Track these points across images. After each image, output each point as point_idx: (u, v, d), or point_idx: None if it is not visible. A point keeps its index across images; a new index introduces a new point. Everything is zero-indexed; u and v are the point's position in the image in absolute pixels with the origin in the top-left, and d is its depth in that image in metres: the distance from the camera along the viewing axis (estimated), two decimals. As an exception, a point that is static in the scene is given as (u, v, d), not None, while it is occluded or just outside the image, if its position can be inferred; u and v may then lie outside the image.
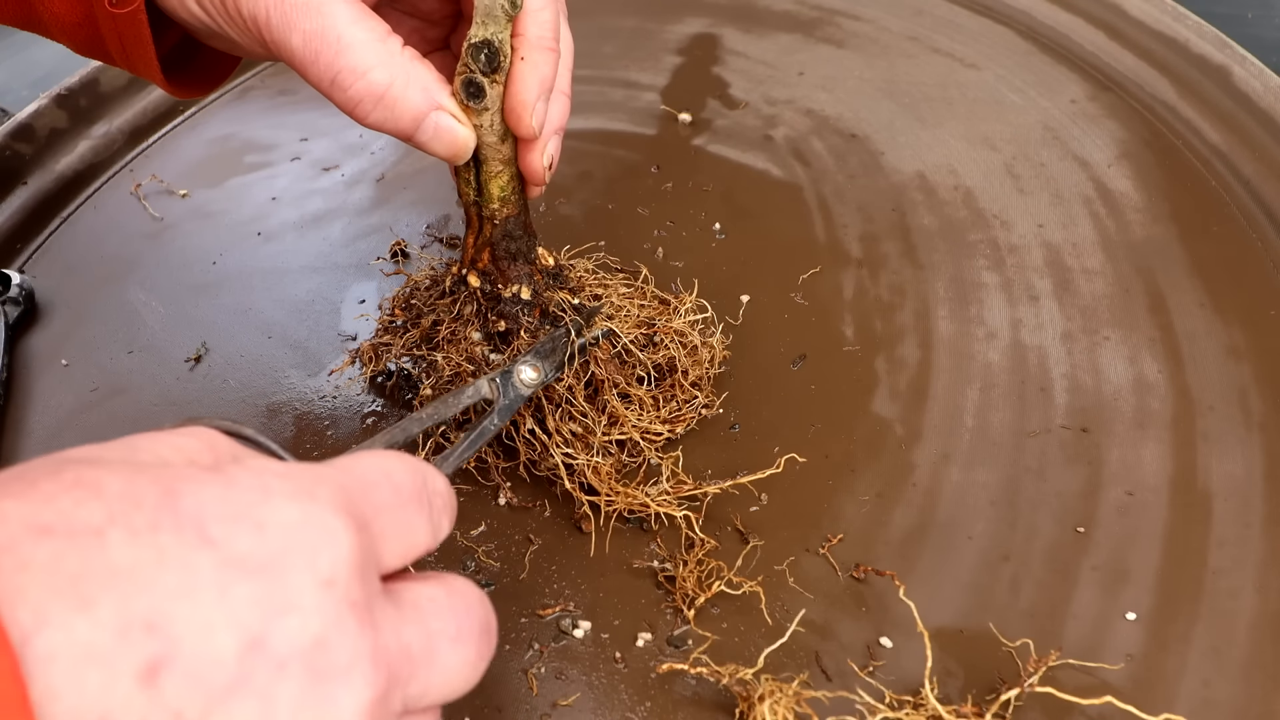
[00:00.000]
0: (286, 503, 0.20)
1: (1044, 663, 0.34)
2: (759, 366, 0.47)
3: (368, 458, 0.23)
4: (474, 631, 0.24)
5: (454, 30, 0.42)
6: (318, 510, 0.20)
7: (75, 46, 0.39)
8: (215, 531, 0.19)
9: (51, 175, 0.61)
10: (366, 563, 0.21)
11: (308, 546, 0.19)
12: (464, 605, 0.24)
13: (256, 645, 0.18)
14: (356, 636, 0.20)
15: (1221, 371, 0.45)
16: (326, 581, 0.19)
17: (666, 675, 0.36)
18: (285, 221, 0.58)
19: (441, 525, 0.25)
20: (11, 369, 0.50)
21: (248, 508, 0.19)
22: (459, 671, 0.23)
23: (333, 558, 0.20)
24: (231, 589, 0.18)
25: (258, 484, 0.20)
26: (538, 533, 0.41)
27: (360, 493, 0.22)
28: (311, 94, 0.69)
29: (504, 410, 0.34)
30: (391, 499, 0.23)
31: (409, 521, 0.23)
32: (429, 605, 0.23)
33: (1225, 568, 0.38)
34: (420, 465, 0.25)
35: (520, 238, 0.40)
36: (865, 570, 0.38)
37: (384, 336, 0.44)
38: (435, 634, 0.22)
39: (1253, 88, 0.58)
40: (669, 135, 0.62)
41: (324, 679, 0.19)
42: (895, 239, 0.54)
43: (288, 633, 0.19)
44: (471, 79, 0.35)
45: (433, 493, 0.24)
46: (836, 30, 0.71)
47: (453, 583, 0.24)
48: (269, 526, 0.19)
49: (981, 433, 0.44)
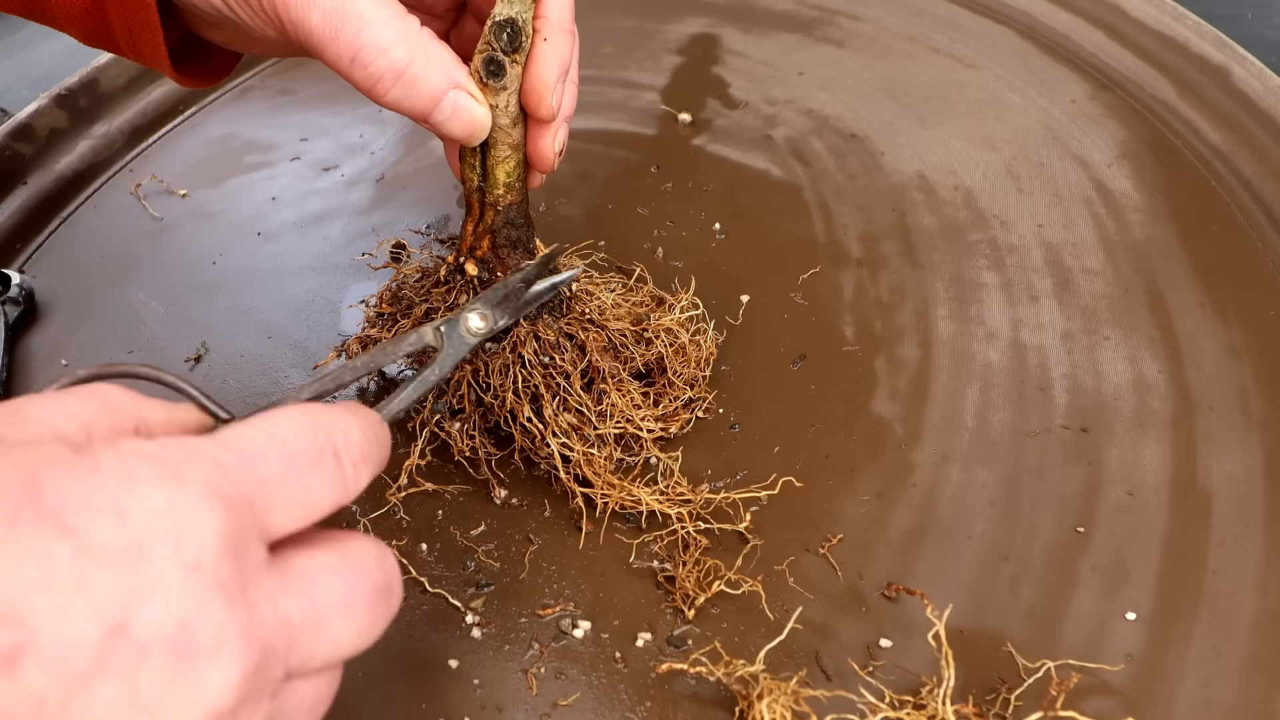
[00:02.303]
0: (151, 489, 0.20)
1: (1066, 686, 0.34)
2: (759, 366, 0.47)
3: (260, 423, 0.23)
4: (366, 595, 0.24)
5: (455, 24, 0.42)
6: (184, 495, 0.20)
7: (81, 35, 0.39)
8: (75, 521, 0.19)
9: (51, 175, 0.61)
10: (241, 541, 0.21)
11: (172, 532, 0.20)
12: (357, 569, 0.24)
13: (117, 631, 0.19)
14: (225, 616, 0.20)
15: (1221, 371, 0.45)
16: (191, 565, 0.20)
17: (666, 675, 0.36)
18: (285, 221, 0.58)
19: (358, 478, 0.25)
20: (11, 369, 0.50)
21: (110, 496, 0.20)
22: (348, 635, 0.24)
23: (199, 542, 0.20)
24: (91, 577, 0.19)
25: (123, 470, 0.20)
26: (538, 533, 0.41)
27: (241, 466, 0.22)
28: (311, 94, 0.70)
29: (445, 359, 0.33)
30: (280, 467, 0.23)
31: (304, 484, 0.23)
32: (317, 572, 0.23)
33: (1225, 568, 0.38)
34: (326, 418, 0.24)
35: (521, 226, 0.40)
36: (897, 589, 0.38)
37: (371, 330, 0.43)
38: (321, 601, 0.23)
39: (1253, 88, 0.58)
40: (669, 135, 0.62)
41: (189, 659, 0.19)
42: (895, 239, 0.54)
43: (150, 618, 0.19)
44: (493, 56, 0.35)
45: (343, 446, 0.24)
46: (836, 30, 0.71)
47: (349, 545, 0.24)
48: (131, 514, 0.20)
49: (981, 433, 0.44)
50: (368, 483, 0.25)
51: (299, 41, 0.34)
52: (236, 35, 0.39)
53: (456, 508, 0.42)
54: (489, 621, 0.38)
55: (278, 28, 0.34)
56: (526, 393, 0.40)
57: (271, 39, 0.35)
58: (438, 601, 0.39)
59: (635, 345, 0.42)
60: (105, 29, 0.38)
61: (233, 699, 0.20)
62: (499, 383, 0.40)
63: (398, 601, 0.25)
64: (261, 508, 0.22)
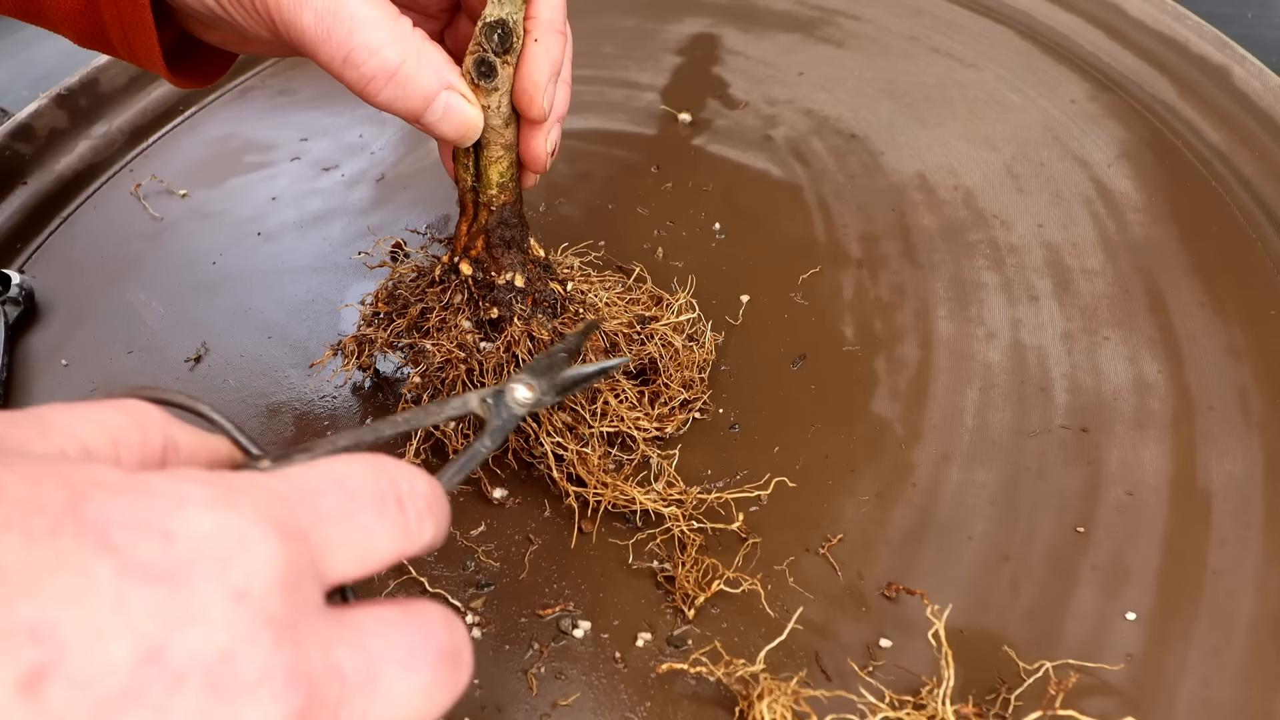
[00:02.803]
0: (200, 511, 0.19)
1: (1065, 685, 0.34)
2: (759, 366, 0.47)
3: (320, 463, 0.22)
4: (429, 656, 0.22)
5: (450, 25, 0.42)
6: (235, 520, 0.19)
7: (76, 36, 0.39)
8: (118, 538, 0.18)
9: (51, 175, 0.61)
10: (295, 575, 0.20)
11: (218, 557, 0.19)
12: (419, 627, 0.22)
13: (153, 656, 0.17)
14: (270, 652, 0.19)
15: (1221, 371, 0.45)
16: (237, 594, 0.19)
17: (666, 675, 0.36)
18: (285, 221, 0.58)
19: (421, 529, 0.23)
20: (11, 369, 0.50)
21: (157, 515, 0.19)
22: (409, 698, 0.21)
23: (247, 570, 0.19)
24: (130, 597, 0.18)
25: (173, 491, 0.19)
26: (538, 533, 0.41)
27: (299, 500, 0.21)
28: (311, 94, 0.70)
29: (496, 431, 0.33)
30: (340, 505, 0.21)
31: (365, 528, 0.22)
32: (374, 625, 0.21)
33: (1225, 568, 0.38)
34: (389, 467, 0.23)
35: (515, 226, 0.40)
36: (897, 589, 0.38)
37: (367, 329, 0.43)
38: (377, 655, 0.21)
39: (1253, 88, 0.58)
40: (669, 135, 0.62)
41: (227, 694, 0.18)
42: (895, 239, 0.54)
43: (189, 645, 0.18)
44: (484, 58, 0.35)
45: (408, 494, 0.23)
46: (836, 30, 0.71)
47: (413, 605, 0.23)
48: (177, 535, 0.18)
49: (981, 433, 0.44)
50: (431, 539, 0.24)
51: (291, 42, 0.34)
52: (231, 35, 0.39)
53: (456, 508, 0.42)
54: (489, 621, 0.38)
55: (270, 28, 0.34)
56: None
57: (265, 39, 0.35)
58: (438, 601, 0.39)
59: (630, 345, 0.42)
60: (100, 30, 0.38)
61: None
62: (492, 381, 0.40)
63: (466, 673, 0.23)
64: (319, 546, 0.21)
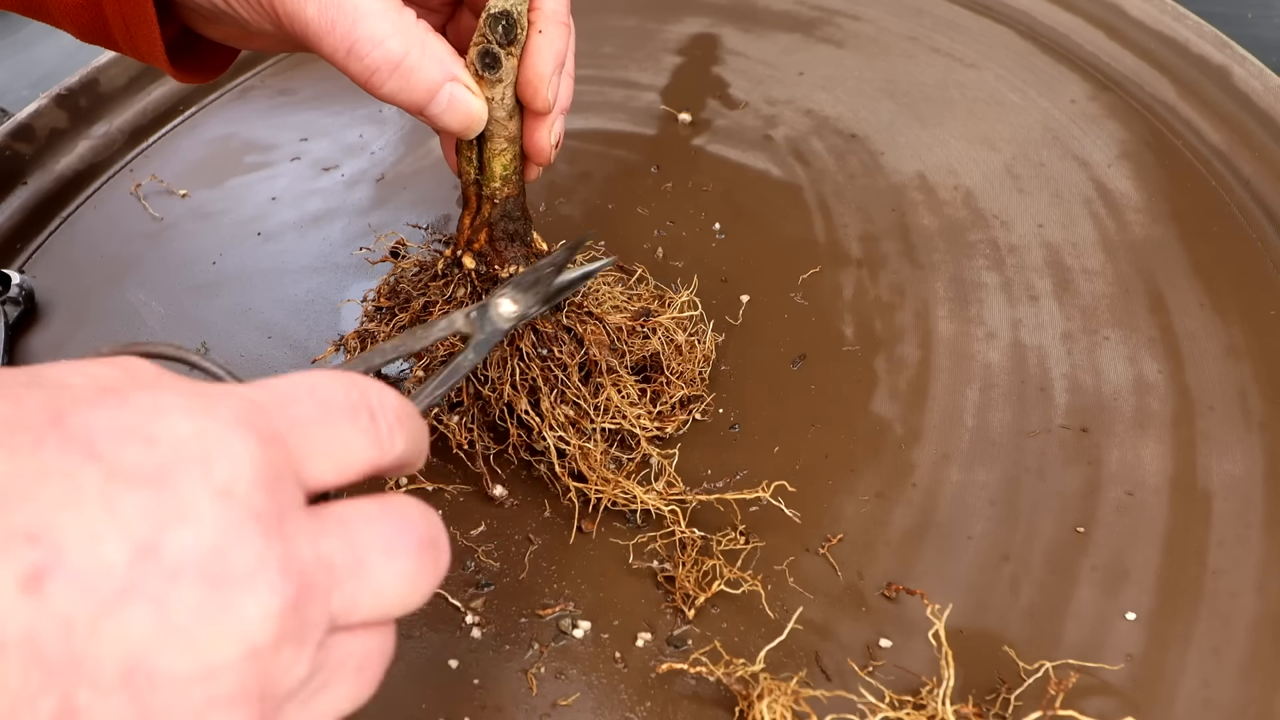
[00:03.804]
0: (180, 418, 0.20)
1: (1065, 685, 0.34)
2: (759, 366, 0.47)
3: (295, 375, 0.23)
4: (410, 544, 0.23)
5: (451, 19, 0.42)
6: (213, 424, 0.20)
7: (77, 31, 0.39)
8: (103, 446, 0.19)
9: (51, 175, 0.61)
10: (275, 475, 0.20)
11: (201, 458, 0.19)
12: (400, 518, 0.23)
13: (148, 553, 0.18)
14: (261, 545, 0.19)
15: (1221, 371, 0.45)
16: (222, 491, 0.19)
17: (666, 675, 0.36)
18: (285, 221, 0.58)
19: (393, 440, 0.24)
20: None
21: (138, 423, 0.19)
22: (394, 584, 0.22)
23: (230, 469, 0.20)
24: (119, 500, 0.18)
25: (152, 401, 0.20)
26: (538, 533, 0.41)
27: (275, 406, 0.21)
28: (311, 94, 0.70)
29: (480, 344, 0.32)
30: (314, 412, 0.22)
31: (339, 434, 0.22)
32: (357, 518, 0.22)
33: (1225, 568, 0.38)
34: (360, 380, 0.24)
35: (519, 219, 0.40)
36: (897, 589, 0.38)
37: (369, 324, 0.43)
38: (362, 544, 0.22)
39: (1253, 88, 0.58)
40: (669, 135, 0.62)
41: (224, 586, 0.19)
42: (895, 239, 0.54)
43: (181, 541, 0.19)
44: (488, 49, 0.35)
45: (378, 406, 0.24)
46: (836, 30, 0.71)
47: (390, 498, 0.24)
48: (160, 440, 0.19)
49: (981, 433, 0.44)
50: (403, 451, 0.24)
51: (295, 35, 0.34)
52: (233, 30, 0.39)
53: (456, 507, 0.42)
54: (489, 621, 0.38)
55: (274, 21, 0.34)
56: (524, 385, 0.40)
57: (268, 32, 0.35)
58: (438, 601, 0.39)
59: (632, 339, 0.42)
60: (101, 24, 0.38)
61: (273, 634, 0.19)
62: (496, 375, 0.40)
63: (445, 559, 0.24)
64: (296, 448, 0.21)
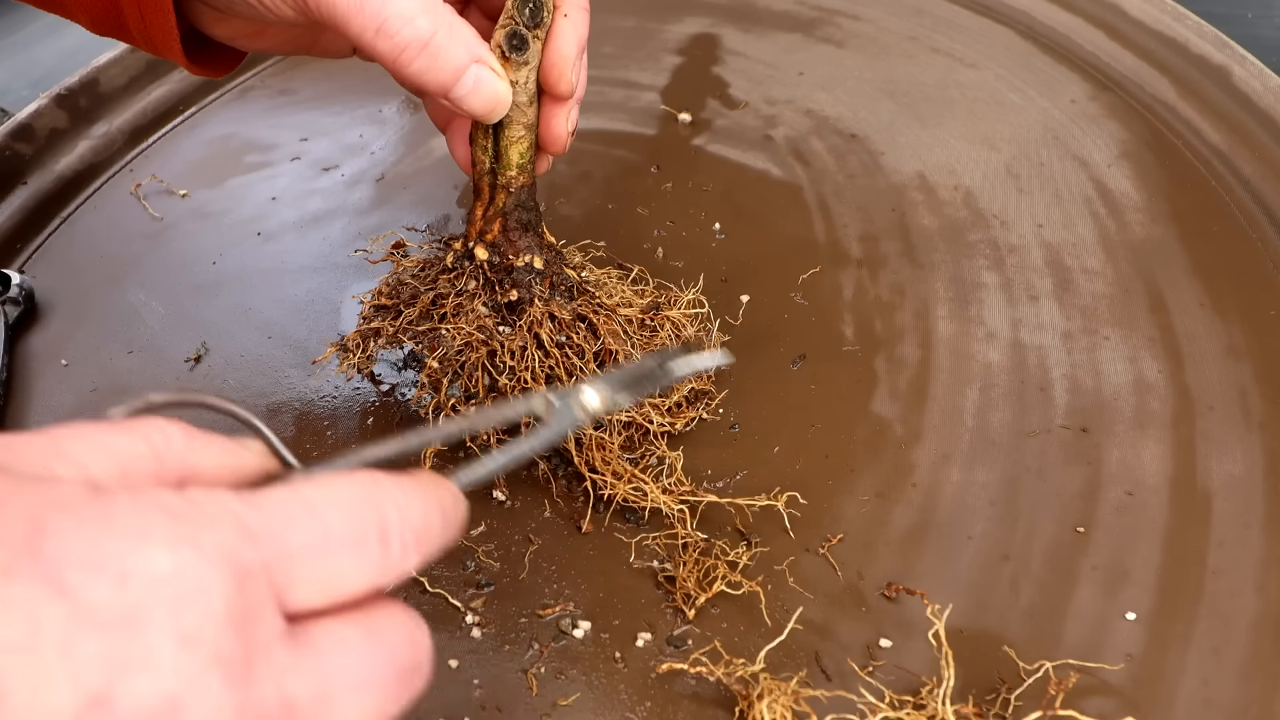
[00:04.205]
0: (160, 551, 0.19)
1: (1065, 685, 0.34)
2: (759, 366, 0.47)
3: (306, 488, 0.22)
4: (386, 678, 0.23)
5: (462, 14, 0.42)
6: (193, 560, 0.19)
7: (92, 22, 0.39)
8: (72, 580, 0.18)
9: (51, 175, 0.61)
10: (250, 613, 0.20)
11: (173, 600, 0.19)
12: (381, 648, 0.23)
13: (98, 704, 0.18)
14: (220, 694, 0.19)
15: (1221, 371, 0.45)
16: (189, 638, 0.19)
17: (666, 675, 0.36)
18: (285, 221, 0.58)
19: (404, 560, 0.23)
20: (11, 369, 0.50)
21: (115, 555, 0.19)
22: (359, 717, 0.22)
23: (200, 613, 0.19)
24: (79, 644, 0.18)
25: (137, 525, 0.19)
26: (538, 533, 0.41)
27: (269, 534, 0.21)
28: (311, 94, 0.70)
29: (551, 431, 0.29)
30: (312, 540, 0.21)
31: (334, 565, 0.22)
32: (334, 650, 0.22)
33: (1225, 568, 0.38)
34: (379, 494, 0.23)
35: (532, 209, 0.40)
36: (897, 589, 0.38)
37: (372, 322, 0.42)
38: (334, 681, 0.21)
39: (1253, 88, 0.58)
40: (669, 135, 0.62)
41: None
42: (895, 239, 0.54)
43: (135, 692, 0.18)
44: (516, 30, 0.35)
45: (395, 526, 0.23)
46: (836, 30, 0.71)
47: (378, 619, 0.23)
48: (133, 577, 0.18)
49: (981, 433, 0.44)
50: (418, 566, 0.24)
51: (321, 17, 0.33)
52: (243, 29, 0.39)
53: (456, 508, 0.42)
54: (489, 621, 0.38)
55: (298, 4, 0.34)
56: (542, 374, 0.40)
57: (286, 20, 0.35)
58: (438, 601, 0.39)
59: (641, 332, 0.42)
60: (116, 14, 0.37)
61: None
62: (516, 364, 0.39)
63: (422, 682, 0.24)
64: (281, 579, 0.21)
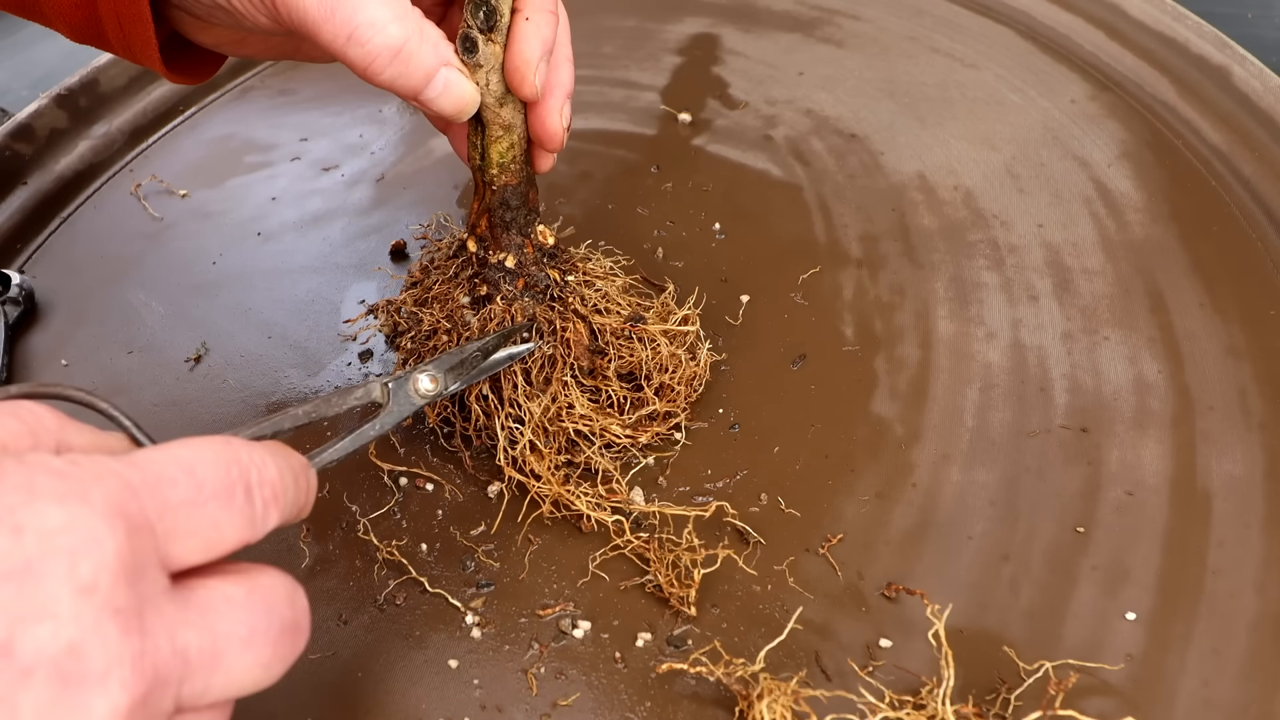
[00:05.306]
0: (51, 505, 0.20)
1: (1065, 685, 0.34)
2: (759, 366, 0.47)
3: (174, 448, 0.23)
4: (271, 633, 0.23)
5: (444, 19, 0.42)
6: (85, 513, 0.20)
7: (71, 31, 0.39)
8: None
9: (51, 175, 0.61)
10: (140, 565, 0.21)
11: (67, 551, 0.19)
12: (264, 605, 0.23)
13: (1, 651, 0.18)
14: (117, 643, 0.20)
15: (1221, 371, 0.45)
16: (85, 588, 0.19)
17: (666, 675, 0.36)
18: (285, 221, 0.58)
19: (267, 518, 0.24)
20: (11, 369, 0.50)
21: (7, 510, 0.19)
22: (248, 672, 0.23)
23: (95, 563, 0.19)
24: None
25: (25, 483, 0.20)
26: (538, 533, 0.41)
27: (149, 489, 0.22)
28: (311, 94, 0.70)
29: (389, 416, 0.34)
30: (188, 494, 0.22)
31: (210, 517, 0.23)
32: (221, 605, 0.23)
33: (1225, 568, 0.38)
34: (241, 452, 0.24)
35: (516, 209, 0.41)
36: (897, 589, 0.38)
37: (401, 295, 0.45)
38: (221, 635, 0.22)
39: (1253, 88, 0.58)
40: (669, 135, 0.62)
41: (75, 685, 0.19)
42: (895, 239, 0.54)
43: (37, 639, 0.19)
44: (468, 34, 0.36)
45: (256, 483, 0.24)
46: (836, 30, 0.71)
47: (259, 579, 0.24)
48: (27, 530, 0.19)
49: (981, 433, 0.44)
50: (276, 525, 0.25)
51: (293, 24, 0.34)
52: (225, 35, 0.39)
53: (456, 508, 0.42)
54: (489, 621, 0.38)
55: (271, 13, 0.34)
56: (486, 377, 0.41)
57: (263, 28, 0.35)
58: (438, 601, 0.39)
59: (619, 342, 0.42)
60: (95, 23, 0.38)
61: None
62: None
63: (304, 641, 0.25)
64: (164, 534, 0.22)
